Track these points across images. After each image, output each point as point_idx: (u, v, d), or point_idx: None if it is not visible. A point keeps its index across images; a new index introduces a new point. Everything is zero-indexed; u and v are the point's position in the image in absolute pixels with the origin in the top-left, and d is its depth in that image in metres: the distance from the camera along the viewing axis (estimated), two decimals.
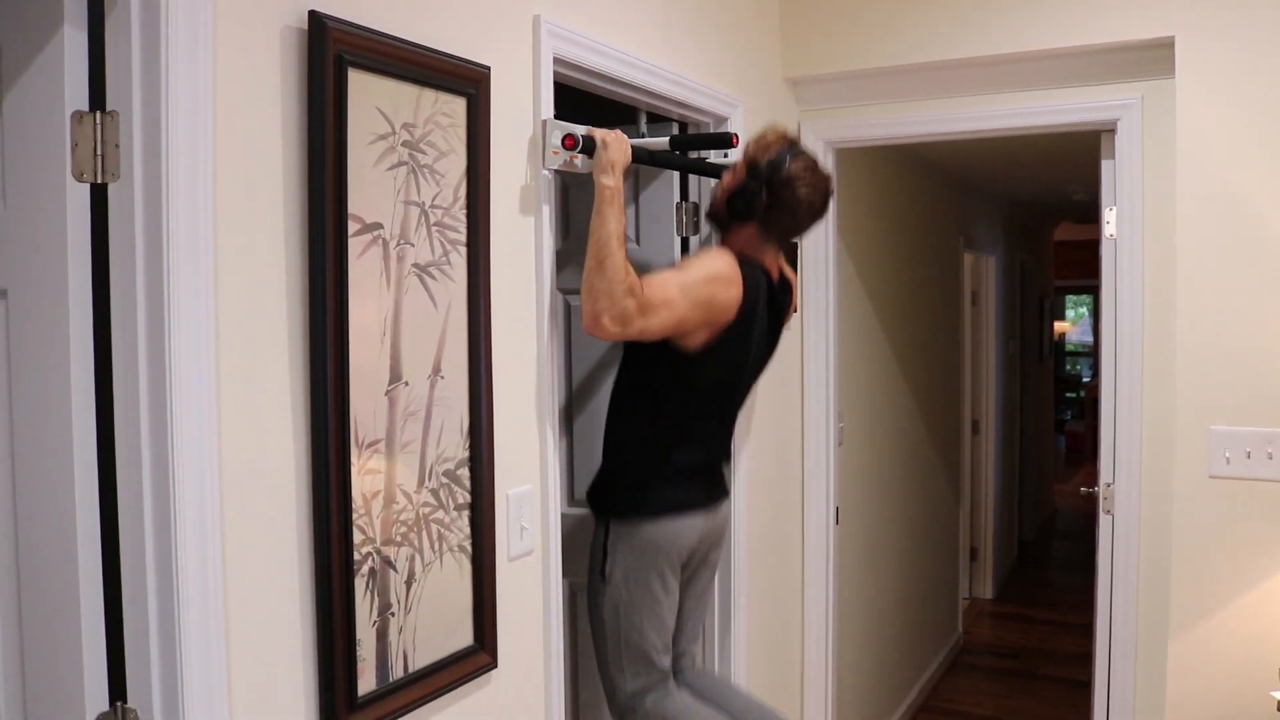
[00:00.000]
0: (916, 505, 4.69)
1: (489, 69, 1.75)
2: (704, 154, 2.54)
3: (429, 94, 1.62)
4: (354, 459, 1.49)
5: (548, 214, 1.96)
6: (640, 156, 2.14)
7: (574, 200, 2.73)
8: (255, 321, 1.38)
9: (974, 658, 5.36)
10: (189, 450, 1.27)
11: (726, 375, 2.23)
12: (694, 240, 2.68)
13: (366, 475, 1.52)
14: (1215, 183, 2.46)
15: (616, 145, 1.99)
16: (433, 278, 1.64)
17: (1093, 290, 14.37)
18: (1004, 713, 4.58)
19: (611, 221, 1.95)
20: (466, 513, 1.74)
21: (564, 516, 2.38)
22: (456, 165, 1.69)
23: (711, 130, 2.65)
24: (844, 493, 3.38)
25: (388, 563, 1.57)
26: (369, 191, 1.51)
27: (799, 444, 3.12)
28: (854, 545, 3.68)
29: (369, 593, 1.53)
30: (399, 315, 1.58)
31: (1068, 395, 13.09)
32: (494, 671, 1.82)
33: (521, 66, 1.89)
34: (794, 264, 3.06)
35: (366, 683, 1.52)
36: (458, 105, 1.68)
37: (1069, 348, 14.21)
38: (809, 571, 3.17)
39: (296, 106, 1.42)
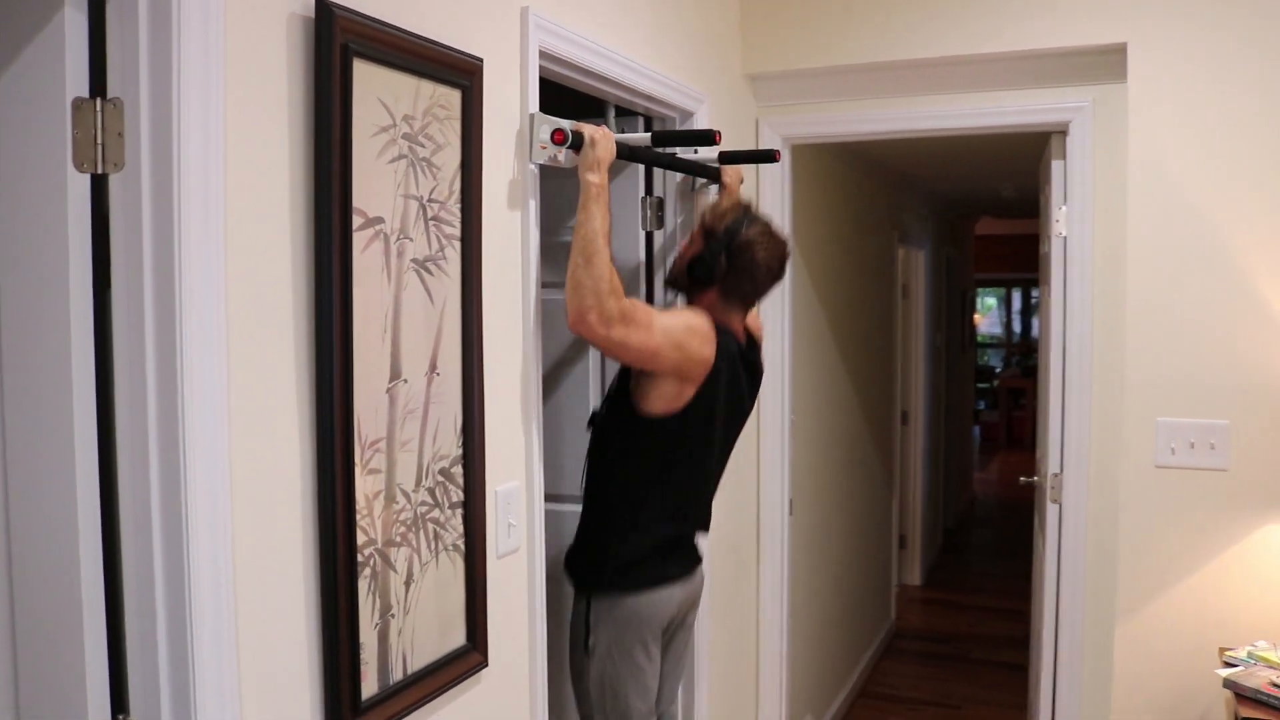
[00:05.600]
0: (857, 495, 4.78)
1: (482, 61, 1.73)
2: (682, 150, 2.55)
3: (427, 85, 1.59)
4: (357, 458, 1.46)
5: (534, 208, 1.94)
6: (623, 153, 2.13)
7: (545, 193, 2.71)
8: (262, 317, 1.33)
9: (907, 643, 5.49)
10: (202, 452, 1.23)
11: (702, 441, 2.21)
12: (658, 235, 2.68)
13: (369, 475, 1.49)
14: (1165, 185, 2.56)
15: (604, 143, 1.98)
16: (430, 273, 1.62)
17: (1005, 284, 14.79)
18: (941, 696, 4.71)
19: (598, 218, 1.93)
20: (460, 511, 1.72)
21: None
22: (452, 158, 1.66)
23: (678, 126, 2.65)
24: (794, 485, 3.43)
25: (388, 563, 1.54)
26: (372, 185, 1.47)
27: (754, 437, 3.15)
28: (802, 537, 3.74)
29: (371, 594, 1.50)
30: (399, 311, 1.55)
31: (980, 386, 13.43)
32: (485, 671, 1.80)
33: (510, 59, 1.87)
34: None
35: (369, 686, 1.49)
36: (454, 97, 1.65)
37: (979, 339, 14.58)
38: (764, 563, 3.21)
39: (302, 96, 1.38)
